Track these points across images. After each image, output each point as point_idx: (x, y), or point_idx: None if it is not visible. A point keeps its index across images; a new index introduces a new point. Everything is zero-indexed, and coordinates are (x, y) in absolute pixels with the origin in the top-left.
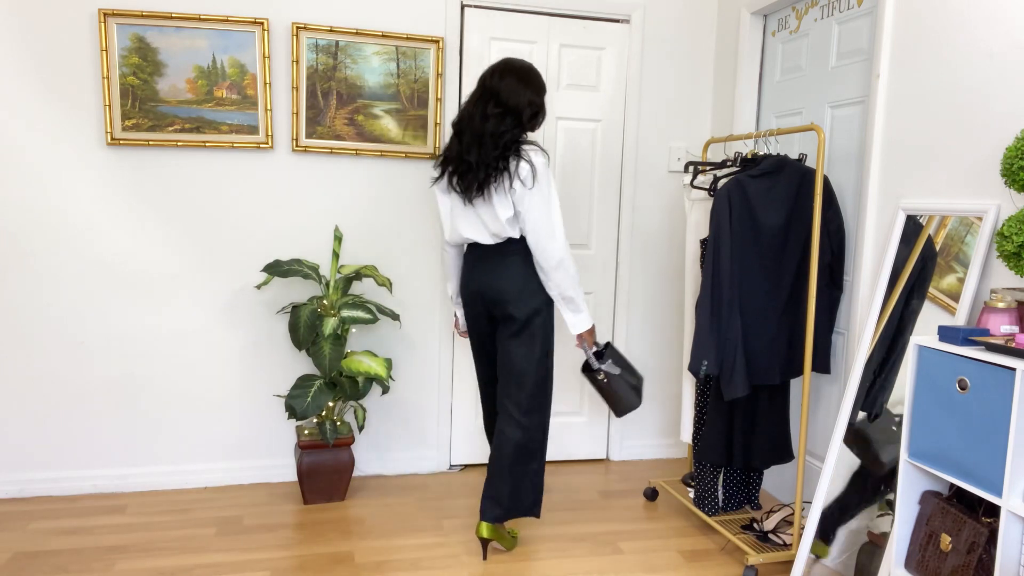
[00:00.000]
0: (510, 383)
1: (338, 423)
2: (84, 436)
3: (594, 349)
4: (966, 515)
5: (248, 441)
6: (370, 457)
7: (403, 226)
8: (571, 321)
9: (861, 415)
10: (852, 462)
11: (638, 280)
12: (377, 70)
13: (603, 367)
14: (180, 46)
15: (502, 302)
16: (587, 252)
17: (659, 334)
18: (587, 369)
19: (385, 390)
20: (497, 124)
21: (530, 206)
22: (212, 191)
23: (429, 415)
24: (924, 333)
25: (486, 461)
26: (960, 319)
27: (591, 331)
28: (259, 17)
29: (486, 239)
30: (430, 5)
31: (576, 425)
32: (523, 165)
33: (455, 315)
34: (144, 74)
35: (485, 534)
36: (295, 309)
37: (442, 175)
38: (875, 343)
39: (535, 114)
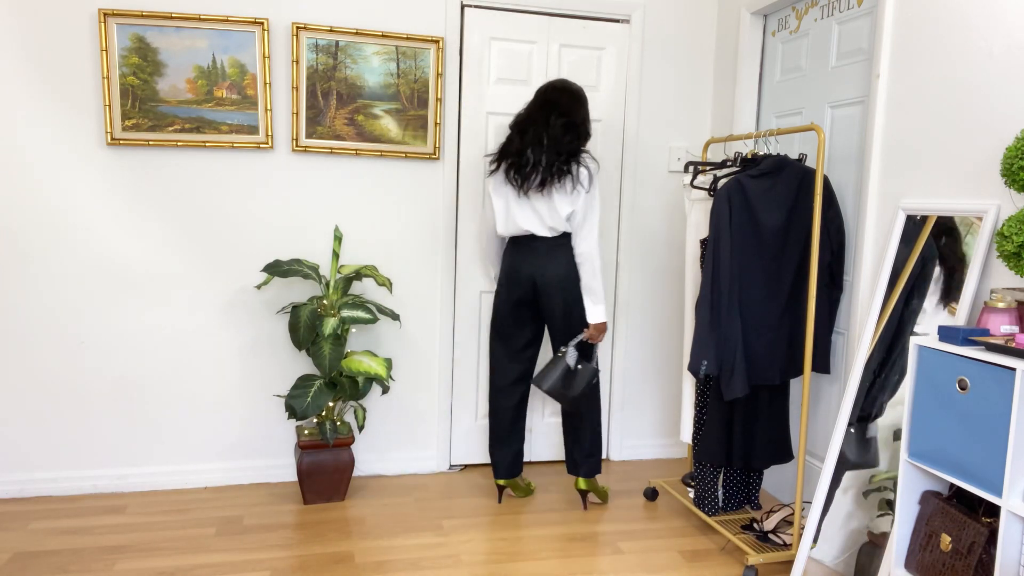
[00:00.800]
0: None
1: (338, 423)
2: (84, 436)
3: (577, 340)
4: (966, 515)
5: (248, 441)
6: (370, 457)
7: (403, 226)
8: (590, 312)
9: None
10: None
11: (638, 280)
12: (377, 70)
13: (568, 351)
14: (180, 46)
15: (550, 291)
16: None
17: (659, 334)
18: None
19: (385, 390)
20: (563, 132)
21: (580, 206)
22: (212, 191)
23: (429, 415)
24: (924, 333)
25: (486, 461)
26: (960, 319)
27: (601, 327)
28: (259, 17)
29: (542, 231)
30: (430, 5)
31: None
32: (583, 171)
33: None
34: (144, 74)
35: (583, 486)
36: (295, 309)
37: (498, 168)
38: (875, 343)
39: (588, 132)
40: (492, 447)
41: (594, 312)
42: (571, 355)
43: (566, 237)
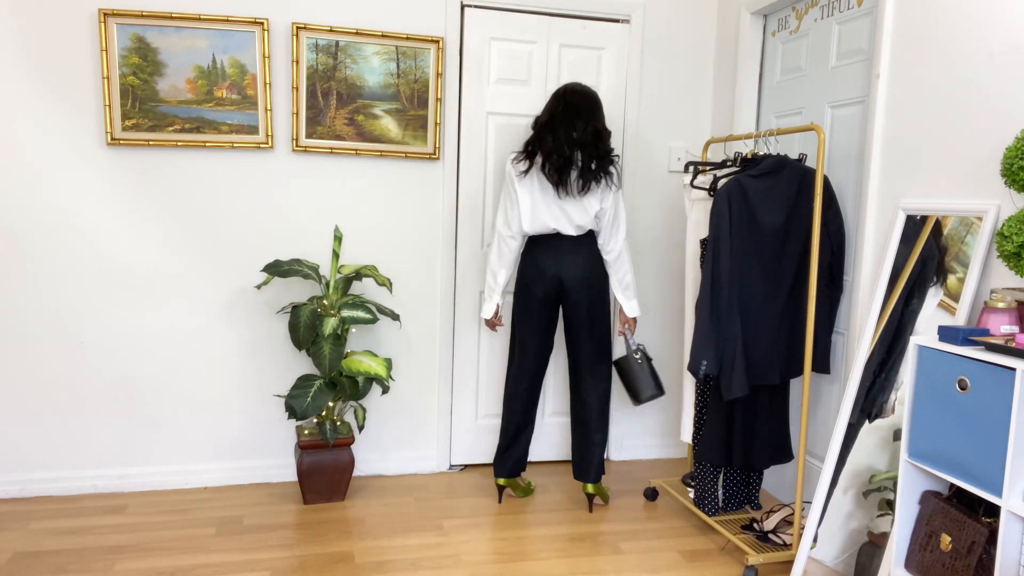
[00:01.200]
0: (592, 357)
1: (338, 423)
2: (84, 436)
3: (634, 344)
4: (966, 515)
5: (248, 441)
6: (370, 457)
7: (403, 226)
8: (629, 307)
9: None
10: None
11: (638, 280)
12: (377, 70)
13: (643, 349)
14: (180, 46)
15: (578, 288)
16: None
17: (659, 334)
18: (621, 357)
19: (385, 390)
20: (593, 136)
21: (610, 203)
22: (212, 191)
23: (429, 415)
24: (924, 333)
25: (486, 461)
26: (960, 319)
27: (636, 321)
28: (259, 17)
29: (569, 230)
30: (430, 5)
31: None
32: (613, 170)
33: (496, 306)
34: (144, 74)
35: (591, 491)
36: (295, 309)
37: (531, 166)
38: (875, 343)
39: (610, 135)
40: (501, 447)
41: (632, 307)
42: (647, 352)
43: (590, 236)
